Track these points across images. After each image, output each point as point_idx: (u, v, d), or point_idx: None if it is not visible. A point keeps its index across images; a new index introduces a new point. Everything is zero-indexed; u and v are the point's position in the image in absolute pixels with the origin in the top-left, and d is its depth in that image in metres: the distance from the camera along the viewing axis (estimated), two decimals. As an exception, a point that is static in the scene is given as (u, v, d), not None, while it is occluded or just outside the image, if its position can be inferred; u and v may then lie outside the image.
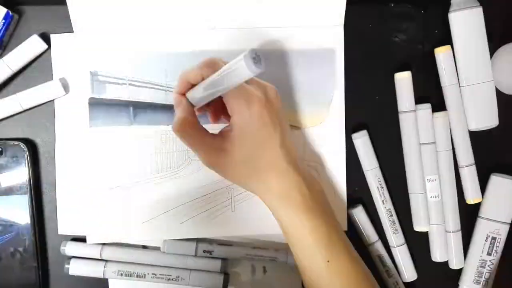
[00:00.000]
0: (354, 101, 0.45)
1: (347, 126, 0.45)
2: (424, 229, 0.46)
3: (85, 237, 0.44)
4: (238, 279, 0.46)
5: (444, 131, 0.45)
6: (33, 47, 0.43)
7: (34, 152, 0.44)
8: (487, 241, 0.45)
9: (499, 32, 0.45)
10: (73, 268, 0.44)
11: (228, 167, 0.38)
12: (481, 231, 0.46)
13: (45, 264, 0.45)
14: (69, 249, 0.44)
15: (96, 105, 0.43)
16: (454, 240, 0.46)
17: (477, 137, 0.46)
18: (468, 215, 0.47)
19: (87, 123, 0.43)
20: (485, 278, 0.46)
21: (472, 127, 0.45)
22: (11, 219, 0.44)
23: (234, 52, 0.44)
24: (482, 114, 0.45)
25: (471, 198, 0.46)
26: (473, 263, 0.46)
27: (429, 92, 0.46)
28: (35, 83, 0.43)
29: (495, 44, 0.45)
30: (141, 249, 0.45)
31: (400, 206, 0.46)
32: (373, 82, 0.46)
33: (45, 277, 0.45)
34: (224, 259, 0.45)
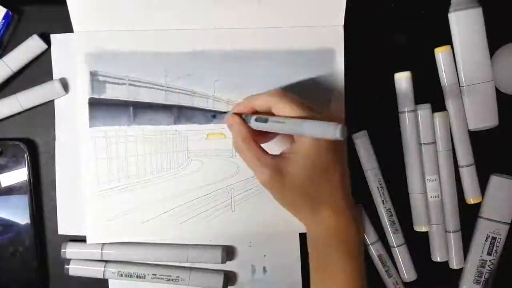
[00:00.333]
0: (354, 101, 0.45)
1: (347, 126, 0.45)
2: (424, 229, 0.46)
3: (85, 237, 0.44)
4: (238, 279, 0.46)
5: (444, 131, 0.45)
6: (33, 47, 0.43)
7: (34, 152, 0.44)
8: (487, 241, 0.46)
9: (499, 32, 0.45)
10: (73, 268, 0.44)
11: (284, 190, 0.37)
12: (481, 231, 0.46)
13: (45, 264, 0.45)
14: (69, 252, 0.44)
15: (96, 105, 0.43)
16: (454, 240, 0.46)
17: (477, 137, 0.46)
18: (468, 215, 0.47)
19: (87, 123, 0.43)
20: (485, 278, 0.46)
21: (472, 127, 0.45)
22: (11, 219, 0.44)
23: (234, 52, 0.44)
24: (482, 114, 0.45)
25: (471, 198, 0.46)
26: (473, 263, 0.46)
27: (429, 92, 0.46)
28: (35, 83, 0.43)
29: (495, 44, 0.45)
30: (141, 250, 0.45)
31: (400, 206, 0.46)
32: (373, 82, 0.46)
33: (45, 277, 0.45)
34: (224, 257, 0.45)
